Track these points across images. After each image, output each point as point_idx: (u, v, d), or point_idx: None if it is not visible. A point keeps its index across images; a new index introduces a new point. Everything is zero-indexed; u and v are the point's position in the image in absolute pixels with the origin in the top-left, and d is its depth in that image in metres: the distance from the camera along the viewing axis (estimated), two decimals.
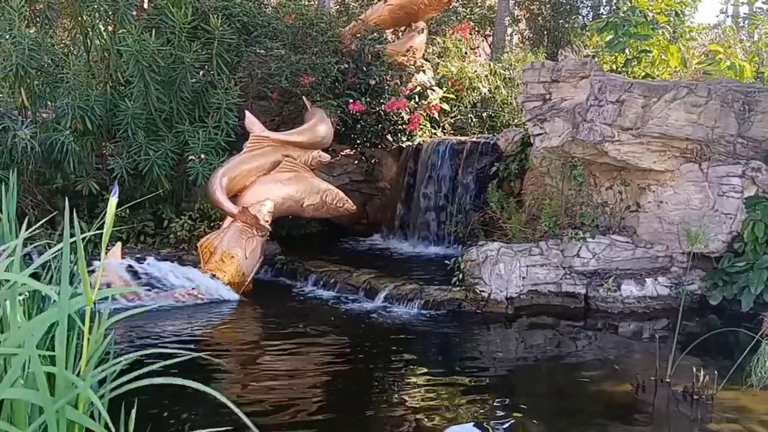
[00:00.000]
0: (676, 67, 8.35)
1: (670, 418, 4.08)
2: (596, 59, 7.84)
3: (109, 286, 5.49)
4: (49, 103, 7.56)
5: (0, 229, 2.82)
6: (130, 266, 6.29)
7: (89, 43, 7.79)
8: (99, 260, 2.09)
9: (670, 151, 6.38)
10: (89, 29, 7.65)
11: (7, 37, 6.99)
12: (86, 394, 1.92)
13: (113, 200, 2.12)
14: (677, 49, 8.25)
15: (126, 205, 5.58)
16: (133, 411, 2.25)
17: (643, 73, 8.31)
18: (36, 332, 1.98)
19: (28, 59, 6.97)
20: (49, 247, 3.23)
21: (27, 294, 2.64)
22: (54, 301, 2.89)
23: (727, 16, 21.58)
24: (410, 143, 9.32)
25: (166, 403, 3.75)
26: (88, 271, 2.08)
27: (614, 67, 8.55)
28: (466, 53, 11.55)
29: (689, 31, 9.46)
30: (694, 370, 4.14)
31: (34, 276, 3.47)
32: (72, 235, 2.02)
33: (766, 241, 5.98)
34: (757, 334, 4.36)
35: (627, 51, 8.18)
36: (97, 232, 3.97)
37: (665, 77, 8.20)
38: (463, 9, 14.66)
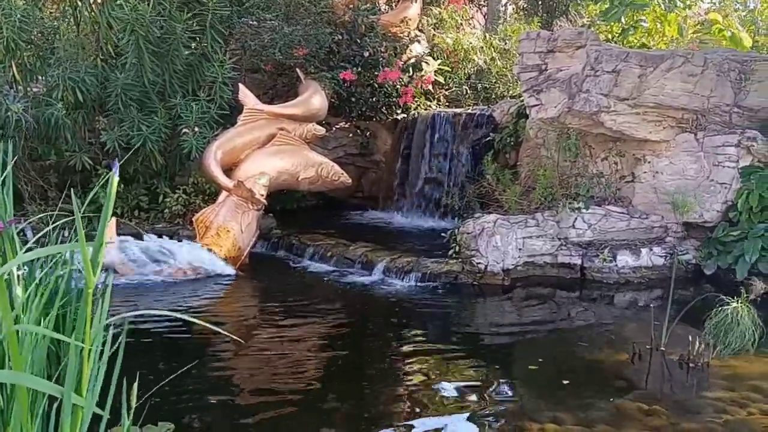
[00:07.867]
0: (672, 37, 8.29)
1: (665, 385, 4.13)
2: (592, 29, 7.77)
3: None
4: (40, 77, 7.45)
5: None
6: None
7: (78, 16, 7.65)
8: (95, 236, 2.06)
9: (665, 121, 6.36)
10: (78, 1, 7.51)
11: None
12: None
13: (114, 178, 2.10)
14: (675, 17, 8.19)
15: (119, 180, 5.53)
16: (135, 384, 2.24)
17: (639, 43, 8.25)
18: None
19: (19, 32, 6.85)
20: (43, 223, 3.22)
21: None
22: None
23: None
24: (405, 116, 9.25)
25: (165, 378, 3.76)
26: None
27: (610, 36, 8.48)
28: (461, 24, 11.42)
29: (685, 0, 9.37)
30: (690, 338, 4.18)
31: (29, 251, 3.44)
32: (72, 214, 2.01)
33: (760, 210, 5.99)
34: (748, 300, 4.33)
35: (623, 20, 8.10)
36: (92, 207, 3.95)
37: (661, 47, 8.14)
38: None
